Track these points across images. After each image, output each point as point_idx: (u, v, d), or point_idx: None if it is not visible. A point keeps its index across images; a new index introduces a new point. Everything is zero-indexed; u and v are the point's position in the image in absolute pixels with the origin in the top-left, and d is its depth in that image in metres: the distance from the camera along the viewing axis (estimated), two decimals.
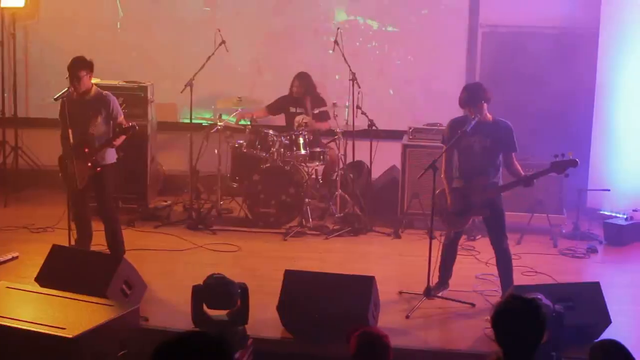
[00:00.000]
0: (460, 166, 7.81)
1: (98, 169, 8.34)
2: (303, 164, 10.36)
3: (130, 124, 8.35)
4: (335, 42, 10.24)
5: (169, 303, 7.66)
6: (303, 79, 10.94)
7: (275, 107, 11.12)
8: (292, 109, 10.94)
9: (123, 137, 8.36)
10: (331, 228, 10.08)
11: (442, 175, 7.82)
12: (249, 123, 10.62)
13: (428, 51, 11.54)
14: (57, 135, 8.59)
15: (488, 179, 7.69)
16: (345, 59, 10.19)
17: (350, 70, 10.17)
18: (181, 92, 10.20)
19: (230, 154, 10.65)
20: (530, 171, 7.76)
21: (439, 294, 7.92)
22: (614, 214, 10.24)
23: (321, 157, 10.45)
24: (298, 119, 10.66)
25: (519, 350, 4.33)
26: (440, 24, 11.51)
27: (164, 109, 11.42)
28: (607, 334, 6.72)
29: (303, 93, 10.89)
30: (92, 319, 6.36)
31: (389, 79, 11.63)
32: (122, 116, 8.55)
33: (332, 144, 10.70)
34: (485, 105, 7.66)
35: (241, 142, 10.41)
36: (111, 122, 8.43)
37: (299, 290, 7.13)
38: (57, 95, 8.25)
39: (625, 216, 10.07)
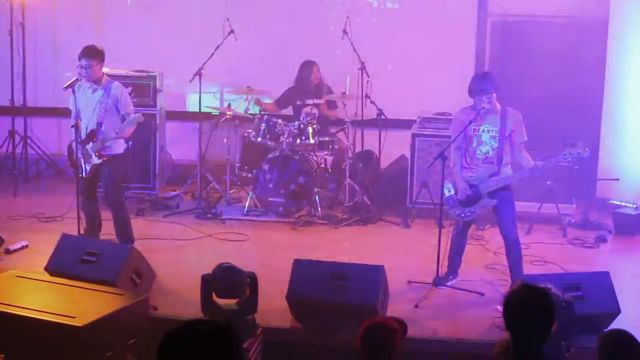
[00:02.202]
0: (469, 156, 7.80)
1: (106, 158, 8.36)
2: (312, 153, 10.36)
3: (137, 114, 8.37)
4: (344, 31, 10.22)
5: (178, 292, 7.67)
6: (310, 67, 10.92)
7: (283, 101, 11.10)
8: (299, 101, 10.92)
9: (132, 129, 8.37)
10: (340, 217, 10.09)
11: (451, 165, 7.82)
12: (258, 112, 10.62)
13: (437, 40, 11.49)
14: (66, 125, 8.62)
15: (497, 168, 7.68)
16: (354, 48, 10.18)
17: (360, 59, 10.15)
18: (190, 82, 10.21)
19: (240, 143, 10.67)
20: (539, 160, 7.73)
21: (448, 284, 7.92)
22: (623, 204, 10.21)
23: (330, 146, 10.45)
24: (306, 109, 10.66)
25: (529, 339, 4.35)
26: (449, 14, 11.47)
27: (173, 98, 11.42)
28: (617, 324, 6.71)
29: (310, 82, 10.87)
30: (102, 308, 6.38)
31: (397, 67, 11.59)
32: (132, 106, 8.55)
33: (341, 134, 10.69)
34: (494, 94, 7.65)
35: (250, 131, 10.41)
36: (120, 112, 8.43)
37: (308, 279, 7.14)
38: (67, 84, 8.27)
39: (634, 206, 10.04)
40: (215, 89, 11.54)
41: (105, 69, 8.69)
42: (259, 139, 10.23)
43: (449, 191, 7.89)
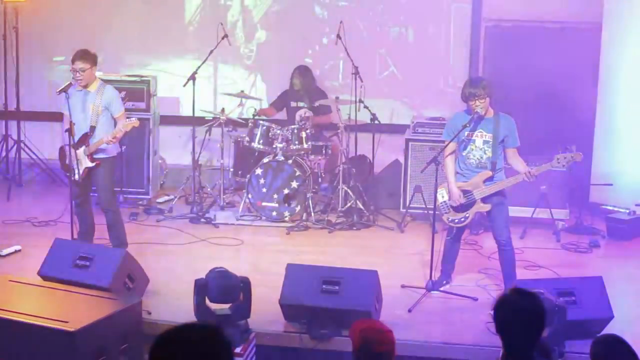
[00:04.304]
0: (463, 161, 7.80)
1: (98, 161, 8.36)
2: (305, 158, 10.35)
3: (132, 118, 8.37)
4: (338, 36, 10.22)
5: (172, 297, 7.66)
6: (303, 72, 10.97)
7: (279, 104, 11.13)
8: (293, 104, 10.96)
9: (123, 132, 8.35)
10: (334, 222, 10.08)
11: (444, 171, 7.82)
12: (251, 117, 10.62)
13: (431, 45, 11.52)
14: (59, 129, 8.61)
15: (491, 173, 7.69)
16: (347, 52, 10.18)
17: (353, 64, 10.14)
18: (184, 86, 10.20)
19: (233, 147, 10.69)
20: (532, 165, 7.75)
21: (442, 288, 7.92)
22: (616, 209, 10.23)
23: (323, 151, 10.45)
24: (300, 112, 10.67)
25: (519, 343, 4.36)
26: (443, 18, 11.49)
27: (166, 102, 11.41)
28: (610, 329, 6.72)
29: (303, 86, 10.91)
30: (95, 313, 6.39)
31: (391, 72, 11.60)
32: (124, 110, 8.54)
33: (335, 138, 10.70)
34: (487, 99, 7.65)
35: (244, 136, 10.41)
36: (112, 115, 8.43)
37: (302, 284, 7.14)
38: (61, 88, 8.27)
39: (627, 211, 10.05)
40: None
41: (99, 74, 8.68)
42: (253, 144, 10.23)
43: (442, 197, 7.90)
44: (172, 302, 7.52)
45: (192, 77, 10.14)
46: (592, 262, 9.16)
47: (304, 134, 10.15)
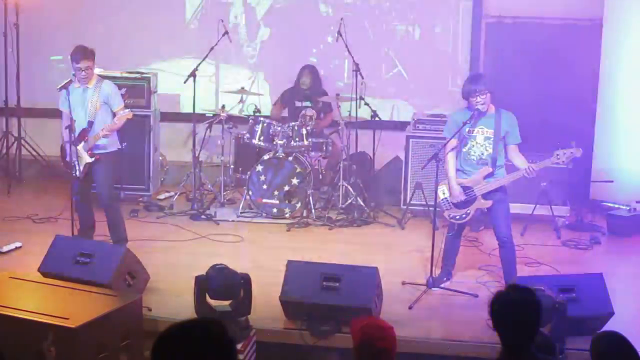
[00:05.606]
0: (464, 157, 7.80)
1: (97, 156, 8.36)
2: (306, 155, 10.35)
3: (125, 110, 8.37)
4: (339, 33, 10.21)
5: (172, 293, 7.66)
6: (312, 71, 10.96)
7: (286, 100, 11.08)
8: (298, 103, 10.93)
9: (118, 125, 8.34)
10: (334, 219, 10.08)
11: (445, 167, 7.81)
12: (252, 113, 10.61)
13: (432, 42, 11.51)
14: (60, 125, 8.61)
15: (491, 169, 7.69)
16: (348, 50, 10.17)
17: (354, 61, 10.14)
18: (184, 83, 10.19)
19: (234, 144, 10.68)
20: (533, 162, 7.74)
21: (442, 285, 7.92)
22: (617, 206, 10.22)
23: (324, 147, 10.45)
24: (304, 112, 10.66)
25: (516, 337, 4.38)
26: (444, 15, 11.48)
27: (167, 99, 11.40)
28: (610, 326, 6.71)
29: (311, 86, 10.89)
30: (95, 309, 6.39)
31: (391, 69, 11.59)
32: (123, 105, 8.54)
33: (335, 135, 10.70)
34: (488, 95, 7.65)
35: (244, 132, 10.41)
36: (112, 110, 8.43)
37: (302, 281, 7.14)
38: (61, 84, 8.28)
39: (628, 208, 10.05)
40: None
41: (99, 70, 8.67)
42: (253, 141, 10.22)
43: (444, 193, 7.89)
44: (172, 299, 7.52)
45: (193, 74, 10.13)
46: (593, 258, 9.16)
47: (304, 131, 10.14)
